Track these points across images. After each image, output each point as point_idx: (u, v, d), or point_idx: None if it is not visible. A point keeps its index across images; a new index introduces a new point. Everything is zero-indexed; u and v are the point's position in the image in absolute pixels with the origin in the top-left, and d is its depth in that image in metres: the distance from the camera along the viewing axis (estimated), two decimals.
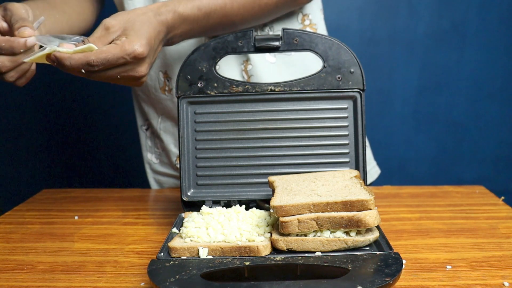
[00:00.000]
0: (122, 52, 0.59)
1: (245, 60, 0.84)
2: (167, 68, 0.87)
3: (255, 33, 0.68)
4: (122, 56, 0.59)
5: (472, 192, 0.87)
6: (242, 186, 0.69)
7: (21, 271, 0.61)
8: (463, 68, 1.73)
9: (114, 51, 0.59)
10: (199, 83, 0.69)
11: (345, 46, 0.67)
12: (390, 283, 0.45)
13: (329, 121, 0.69)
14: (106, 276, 0.59)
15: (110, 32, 0.62)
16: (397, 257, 0.50)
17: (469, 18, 1.69)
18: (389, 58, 1.73)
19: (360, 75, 0.67)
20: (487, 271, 0.57)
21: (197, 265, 0.50)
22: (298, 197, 0.55)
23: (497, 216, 0.75)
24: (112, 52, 0.58)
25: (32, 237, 0.72)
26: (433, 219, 0.75)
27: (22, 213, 0.83)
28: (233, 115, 0.70)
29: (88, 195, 0.92)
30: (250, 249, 0.53)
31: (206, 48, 0.69)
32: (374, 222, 0.52)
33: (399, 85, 1.75)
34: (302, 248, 0.53)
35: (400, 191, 0.89)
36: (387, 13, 1.70)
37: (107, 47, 0.59)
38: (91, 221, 0.78)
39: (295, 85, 0.68)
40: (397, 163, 1.82)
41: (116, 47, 0.59)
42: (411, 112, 1.78)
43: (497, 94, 1.76)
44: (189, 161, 0.70)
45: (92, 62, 0.58)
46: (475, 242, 0.66)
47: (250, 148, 0.70)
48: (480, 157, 1.82)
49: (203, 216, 0.61)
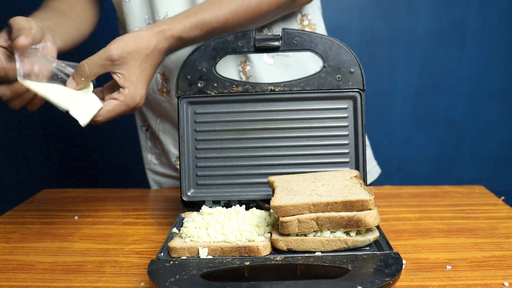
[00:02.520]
0: (125, 107, 0.66)
1: (243, 61, 0.84)
2: (164, 70, 0.87)
3: (255, 33, 0.68)
4: (125, 111, 0.67)
5: (472, 192, 0.87)
6: (242, 186, 0.69)
7: (21, 271, 0.61)
8: (463, 68, 1.73)
9: (119, 109, 0.66)
10: (199, 83, 0.69)
11: (345, 46, 0.67)
12: (390, 283, 0.45)
13: (329, 121, 0.69)
14: (106, 276, 0.59)
15: (114, 64, 0.64)
16: (397, 257, 0.50)
17: (469, 18, 1.69)
18: (389, 58, 1.73)
19: (360, 75, 0.67)
20: (487, 271, 0.57)
21: (197, 265, 0.50)
22: (298, 197, 0.55)
23: (497, 216, 0.75)
24: (117, 110, 0.66)
25: (32, 237, 0.72)
26: (433, 219, 0.75)
27: (22, 213, 0.83)
28: (233, 115, 0.70)
29: (88, 195, 0.92)
30: (250, 249, 0.53)
31: (206, 48, 0.68)
32: (374, 222, 0.52)
33: (399, 85, 1.76)
34: (302, 248, 0.53)
35: (400, 191, 0.89)
36: (387, 13, 1.70)
37: (112, 107, 0.65)
38: (91, 221, 0.78)
39: (295, 85, 0.68)
40: (397, 163, 1.82)
41: (121, 105, 0.65)
42: (411, 112, 1.78)
43: (497, 94, 1.76)
44: (189, 161, 0.70)
45: (99, 121, 0.65)
46: (475, 242, 0.66)
47: (250, 148, 0.70)
48: (480, 157, 1.82)
49: (203, 216, 0.61)
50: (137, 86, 0.66)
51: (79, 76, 0.64)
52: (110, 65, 0.64)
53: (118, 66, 0.64)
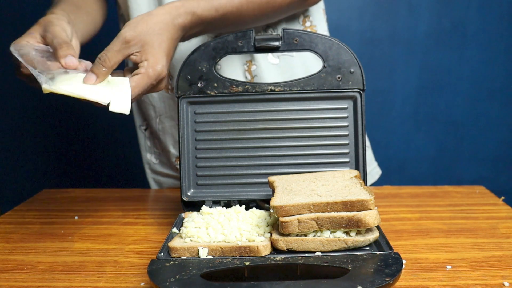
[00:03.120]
0: (149, 79, 0.63)
1: (248, 60, 0.84)
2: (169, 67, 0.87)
3: (255, 33, 0.68)
4: (150, 83, 0.63)
5: (472, 192, 0.87)
6: (242, 186, 0.69)
7: (21, 271, 0.61)
8: (463, 68, 1.73)
9: (144, 82, 0.63)
10: (199, 83, 0.69)
11: (345, 46, 0.67)
12: (390, 283, 0.45)
13: (329, 121, 0.69)
14: (106, 276, 0.59)
15: (130, 45, 0.63)
16: (397, 257, 0.50)
17: (469, 18, 1.69)
18: (389, 58, 1.73)
19: (360, 75, 0.67)
20: (487, 271, 0.57)
21: (197, 265, 0.50)
22: (298, 197, 0.55)
23: (497, 216, 0.75)
24: (141, 84, 0.62)
25: (32, 237, 0.72)
26: (433, 219, 0.75)
27: (22, 213, 0.83)
28: (233, 115, 0.70)
29: (88, 195, 0.92)
30: (250, 249, 0.53)
31: (206, 48, 0.69)
32: (374, 222, 0.52)
33: (399, 85, 1.75)
34: (302, 248, 0.53)
35: (400, 191, 0.89)
36: (387, 13, 1.70)
37: (136, 82, 0.62)
38: (91, 221, 0.78)
39: (295, 85, 0.68)
40: (397, 163, 1.82)
41: (143, 78, 0.62)
42: (411, 112, 1.78)
43: (497, 94, 1.76)
44: (189, 161, 0.70)
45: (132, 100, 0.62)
46: (475, 242, 0.66)
47: (250, 148, 0.70)
48: (480, 157, 1.82)
49: (203, 216, 0.61)
50: (157, 56, 0.63)
51: (100, 68, 0.62)
52: (126, 48, 0.62)
53: (134, 47, 0.63)
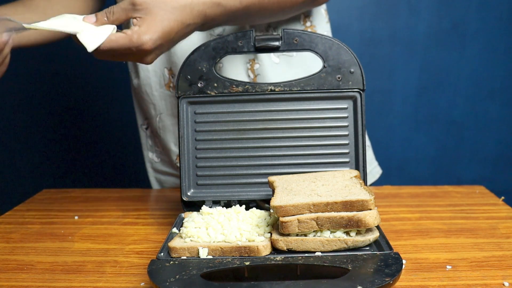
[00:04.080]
0: (129, 43, 0.60)
1: (252, 59, 0.84)
2: (171, 65, 0.88)
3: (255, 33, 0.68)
4: (128, 47, 0.60)
5: (472, 192, 0.87)
6: (242, 186, 0.69)
7: (21, 271, 0.61)
8: (463, 68, 1.73)
9: (122, 42, 0.60)
10: (199, 83, 0.69)
11: (345, 46, 0.67)
12: (390, 283, 0.45)
13: (329, 121, 0.69)
14: (106, 276, 0.59)
15: (136, 9, 0.61)
16: (397, 257, 0.50)
17: (469, 18, 1.69)
18: (389, 58, 1.73)
19: (360, 75, 0.67)
20: (487, 271, 0.57)
21: (197, 265, 0.50)
22: (298, 197, 0.55)
23: (497, 216, 0.75)
24: (120, 42, 0.60)
25: (32, 237, 0.72)
26: (433, 219, 0.75)
27: (22, 213, 0.83)
28: (233, 115, 0.70)
29: (88, 195, 0.92)
30: (250, 249, 0.53)
31: (206, 48, 0.69)
32: (374, 222, 0.52)
33: (399, 85, 1.76)
34: (302, 248, 0.53)
35: (400, 191, 0.89)
36: (387, 13, 1.70)
37: (116, 37, 0.60)
38: (91, 221, 0.78)
39: (295, 85, 0.68)
40: (397, 163, 1.82)
41: (125, 38, 0.60)
42: (411, 112, 1.78)
43: (497, 94, 1.76)
44: (189, 161, 0.70)
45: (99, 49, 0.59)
46: (475, 242, 0.65)
47: (250, 148, 0.70)
48: (480, 157, 1.82)
49: (203, 216, 0.61)
50: (151, 28, 0.60)
51: (103, 15, 0.61)
52: (131, 10, 0.61)
53: (139, 12, 0.61)
